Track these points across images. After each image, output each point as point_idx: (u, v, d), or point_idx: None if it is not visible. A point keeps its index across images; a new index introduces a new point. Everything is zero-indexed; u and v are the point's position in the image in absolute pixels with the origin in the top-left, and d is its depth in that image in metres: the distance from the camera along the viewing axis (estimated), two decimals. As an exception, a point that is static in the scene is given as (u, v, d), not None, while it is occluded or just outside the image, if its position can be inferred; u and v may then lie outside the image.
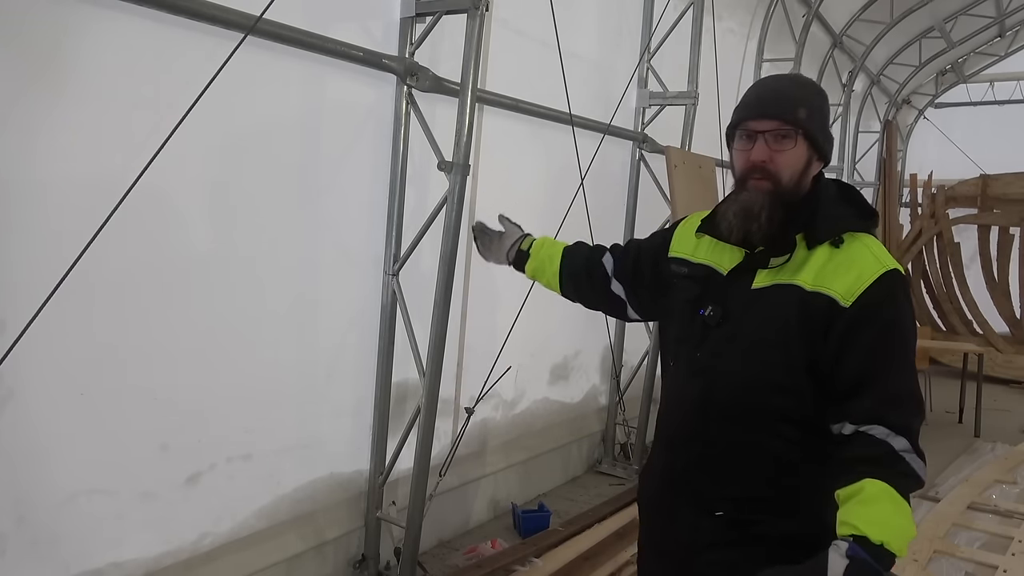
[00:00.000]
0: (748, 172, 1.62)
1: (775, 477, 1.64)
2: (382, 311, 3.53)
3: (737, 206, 1.63)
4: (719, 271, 1.72)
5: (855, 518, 1.43)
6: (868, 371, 1.53)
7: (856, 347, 1.54)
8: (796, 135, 1.59)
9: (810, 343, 1.56)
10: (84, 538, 2.54)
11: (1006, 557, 4.08)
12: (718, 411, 1.65)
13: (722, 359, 1.66)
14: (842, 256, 1.58)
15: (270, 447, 3.15)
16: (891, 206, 11.58)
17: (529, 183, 4.44)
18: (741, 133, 1.63)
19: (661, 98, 5.38)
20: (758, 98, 1.64)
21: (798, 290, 1.58)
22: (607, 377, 5.66)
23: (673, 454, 1.77)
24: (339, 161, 3.30)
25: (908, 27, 9.73)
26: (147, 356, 2.66)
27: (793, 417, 1.60)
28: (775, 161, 1.59)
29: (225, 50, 2.29)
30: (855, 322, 1.54)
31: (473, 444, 4.34)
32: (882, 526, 1.41)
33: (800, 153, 1.61)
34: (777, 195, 1.60)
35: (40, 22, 2.24)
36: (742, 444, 1.64)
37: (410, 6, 3.34)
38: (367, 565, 3.57)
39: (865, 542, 1.40)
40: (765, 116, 1.59)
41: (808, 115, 1.60)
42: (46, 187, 2.31)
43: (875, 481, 1.44)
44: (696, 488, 1.70)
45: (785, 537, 1.62)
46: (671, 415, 1.79)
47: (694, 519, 1.70)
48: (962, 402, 7.52)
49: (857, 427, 1.51)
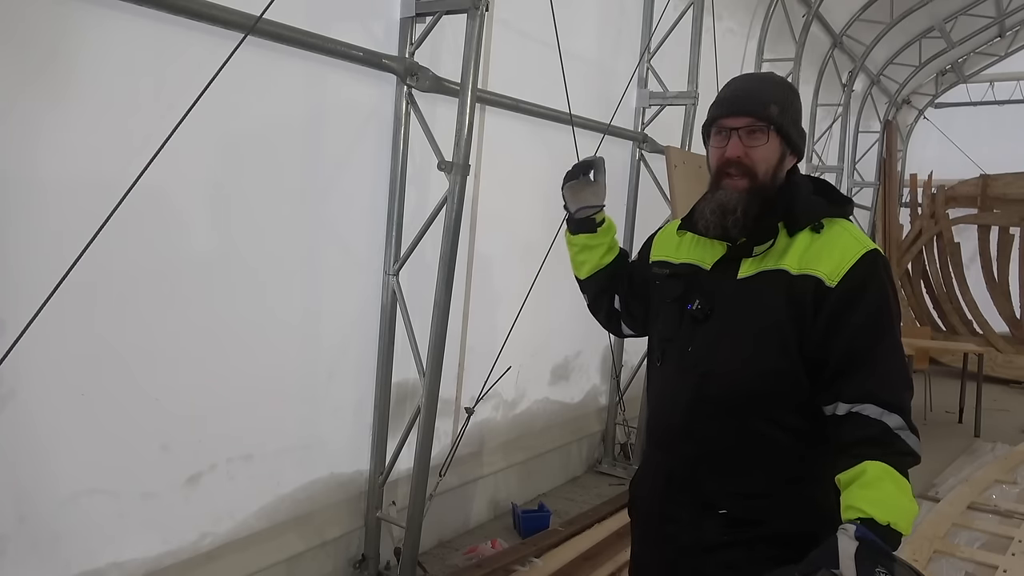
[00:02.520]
0: (723, 167, 1.66)
1: (777, 468, 1.65)
2: (382, 311, 3.53)
3: (713, 204, 1.66)
4: (702, 267, 1.74)
5: (860, 501, 1.44)
6: (857, 350, 1.56)
7: (845, 326, 1.56)
8: (768, 130, 1.63)
9: (800, 326, 1.59)
10: (85, 538, 2.54)
11: (1006, 557, 4.08)
12: (715, 404, 1.65)
13: (715, 351, 1.66)
14: (823, 240, 1.63)
15: (270, 447, 3.15)
16: (891, 206, 11.59)
17: (529, 183, 4.44)
18: (715, 131, 1.68)
19: (661, 98, 5.39)
20: (730, 96, 1.69)
21: (785, 275, 1.61)
22: (607, 377, 5.67)
23: (668, 454, 1.75)
24: (339, 161, 3.30)
25: (908, 27, 9.73)
26: (148, 356, 2.66)
27: (791, 403, 1.62)
28: (749, 156, 1.63)
29: (225, 50, 2.29)
30: (842, 302, 1.57)
31: (473, 444, 4.34)
32: (887, 507, 1.43)
33: (773, 148, 1.65)
34: (753, 191, 1.63)
35: (40, 22, 2.24)
36: (742, 436, 1.64)
37: (410, 6, 3.34)
38: (367, 565, 3.57)
39: (872, 524, 1.41)
40: (737, 113, 1.64)
41: (780, 111, 1.64)
42: (46, 187, 2.31)
43: (875, 463, 1.47)
44: (696, 486, 1.69)
45: (785, 535, 1.62)
46: (663, 415, 1.77)
47: (695, 519, 1.69)
48: (962, 402, 7.52)
49: (850, 407, 1.54)
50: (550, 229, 3.86)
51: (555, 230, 3.80)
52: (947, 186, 10.58)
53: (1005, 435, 6.97)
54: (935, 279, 10.56)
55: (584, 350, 5.40)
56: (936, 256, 10.55)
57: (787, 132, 1.65)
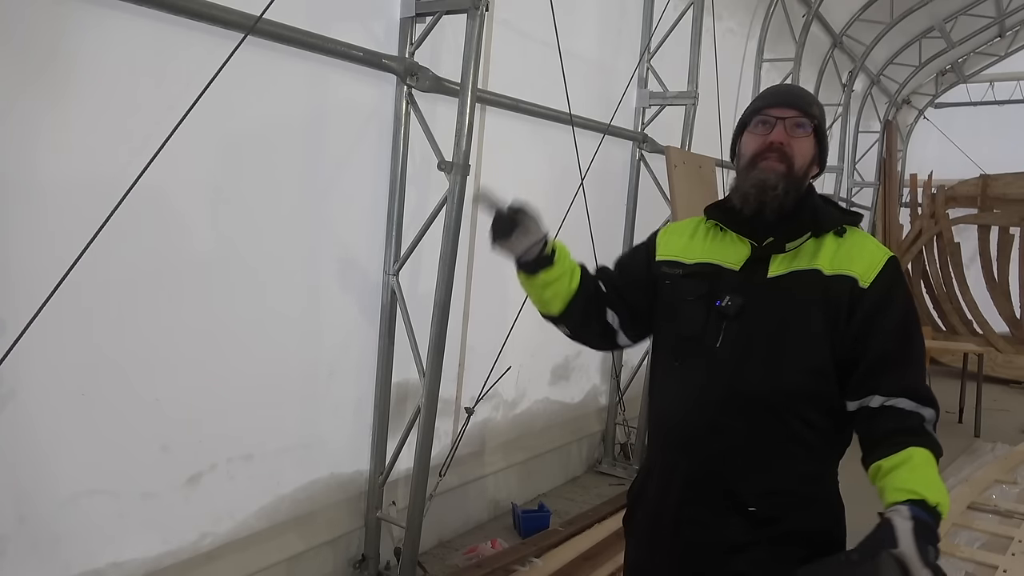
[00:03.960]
0: (764, 151, 1.67)
1: (804, 465, 1.67)
2: (382, 311, 3.53)
3: (752, 180, 1.67)
4: (726, 266, 1.73)
5: (912, 483, 1.49)
6: (892, 350, 1.62)
7: (881, 326, 1.62)
8: (811, 127, 1.69)
9: (834, 325, 1.63)
10: (85, 538, 2.54)
11: (1006, 557, 4.08)
12: (746, 402, 1.64)
13: (751, 348, 1.65)
14: (848, 243, 1.68)
15: (270, 447, 3.15)
16: (891, 206, 11.59)
17: (529, 183, 4.43)
18: (758, 120, 1.70)
19: (661, 98, 5.38)
20: (777, 92, 1.76)
21: (819, 274, 1.65)
22: (607, 377, 5.67)
23: (688, 454, 1.71)
24: (339, 161, 3.30)
25: (908, 27, 9.74)
26: (148, 356, 2.66)
27: (823, 401, 1.65)
28: (791, 145, 1.67)
29: (225, 50, 2.29)
30: (875, 303, 1.62)
31: (473, 444, 4.34)
32: (936, 490, 1.49)
33: (811, 145, 1.70)
34: (789, 178, 1.66)
35: (40, 21, 2.24)
36: (775, 433, 1.64)
37: (410, 6, 3.34)
38: (367, 565, 3.57)
39: (923, 504, 1.46)
40: (786, 105, 1.69)
41: (820, 114, 1.72)
42: (46, 187, 2.30)
43: (920, 449, 1.54)
44: (722, 486, 1.67)
45: (807, 532, 1.64)
46: (683, 414, 1.72)
47: (718, 519, 1.67)
48: (962, 402, 7.53)
49: (884, 400, 1.59)
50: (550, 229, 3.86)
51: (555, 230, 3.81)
52: (947, 186, 10.58)
53: (1005, 435, 6.97)
54: (935, 279, 10.57)
55: (584, 350, 5.37)
56: (936, 256, 10.55)
57: (822, 136, 1.72)
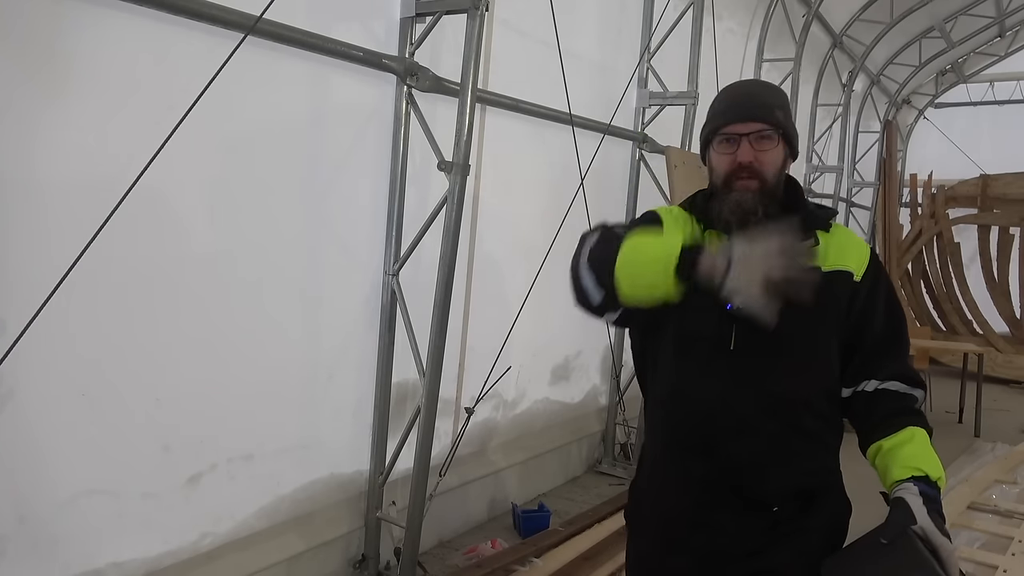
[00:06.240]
0: (734, 173, 1.63)
1: (823, 460, 1.70)
2: (382, 311, 3.53)
3: (729, 205, 1.64)
4: None
5: (916, 460, 1.57)
6: (886, 335, 1.69)
7: (875, 314, 1.69)
8: (777, 135, 1.63)
9: (836, 317, 1.67)
10: (85, 538, 2.54)
11: (1006, 557, 4.08)
12: (776, 402, 1.62)
13: (767, 349, 1.62)
14: (836, 238, 1.70)
15: (271, 447, 3.15)
16: (891, 206, 11.58)
17: (529, 183, 4.44)
18: (721, 138, 1.65)
19: (661, 98, 5.38)
20: (735, 103, 1.67)
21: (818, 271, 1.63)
22: (607, 377, 5.67)
23: (709, 457, 1.67)
24: (339, 161, 3.30)
25: (908, 27, 9.74)
26: (148, 356, 2.66)
27: (833, 395, 1.69)
28: (760, 161, 1.62)
29: (225, 50, 2.29)
30: (868, 294, 1.68)
31: (473, 444, 4.34)
32: (935, 465, 1.58)
33: (780, 152, 1.66)
34: (764, 192, 1.63)
35: (39, 21, 2.24)
36: (796, 431, 1.64)
37: (410, 6, 3.34)
38: (367, 565, 3.57)
39: (926, 479, 1.54)
40: (746, 119, 1.62)
41: (784, 116, 1.65)
42: (45, 187, 2.30)
43: (918, 428, 1.62)
44: (743, 487, 1.65)
45: (823, 527, 1.66)
46: (705, 416, 1.67)
47: (737, 521, 1.65)
48: (962, 402, 7.52)
49: (879, 384, 1.66)
50: (550, 229, 3.86)
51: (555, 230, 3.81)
52: (947, 186, 10.57)
53: (1005, 435, 6.97)
54: (935, 279, 10.56)
55: (584, 350, 5.40)
56: (936, 256, 10.55)
57: (790, 136, 1.67)
